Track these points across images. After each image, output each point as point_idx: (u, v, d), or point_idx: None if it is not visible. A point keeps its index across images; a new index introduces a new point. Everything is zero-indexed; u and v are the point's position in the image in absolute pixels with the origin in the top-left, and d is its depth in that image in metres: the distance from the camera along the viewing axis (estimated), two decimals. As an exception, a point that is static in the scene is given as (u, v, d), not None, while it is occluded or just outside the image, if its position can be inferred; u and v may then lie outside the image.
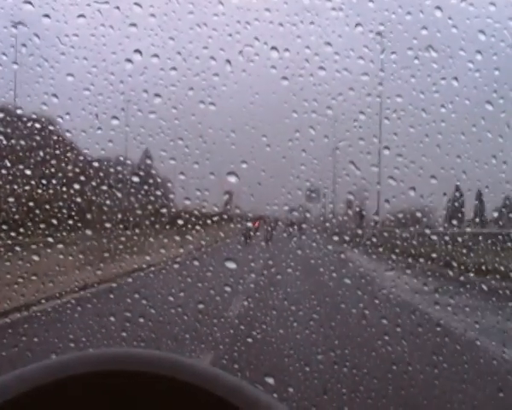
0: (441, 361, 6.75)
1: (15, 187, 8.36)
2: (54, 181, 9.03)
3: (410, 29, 7.59)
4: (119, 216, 10.07)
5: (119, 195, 11.80)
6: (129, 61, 7.21)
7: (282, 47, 7.29)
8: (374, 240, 12.85)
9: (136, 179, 11.14)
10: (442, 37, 7.31)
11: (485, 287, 8.93)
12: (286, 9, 8.44)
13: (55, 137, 9.86)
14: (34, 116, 8.52)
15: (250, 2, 8.08)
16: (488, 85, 7.36)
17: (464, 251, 10.72)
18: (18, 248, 7.91)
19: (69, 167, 10.03)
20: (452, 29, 7.06)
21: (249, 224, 16.04)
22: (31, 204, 8.27)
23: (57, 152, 10.17)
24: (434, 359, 6.85)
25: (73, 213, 9.09)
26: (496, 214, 11.82)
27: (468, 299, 9.03)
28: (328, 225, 16.34)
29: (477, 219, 14.09)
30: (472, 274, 9.65)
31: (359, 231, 13.79)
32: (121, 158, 10.83)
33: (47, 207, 8.58)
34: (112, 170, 11.09)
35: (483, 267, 9.93)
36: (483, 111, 7.20)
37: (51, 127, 9.55)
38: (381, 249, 10.99)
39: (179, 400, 1.04)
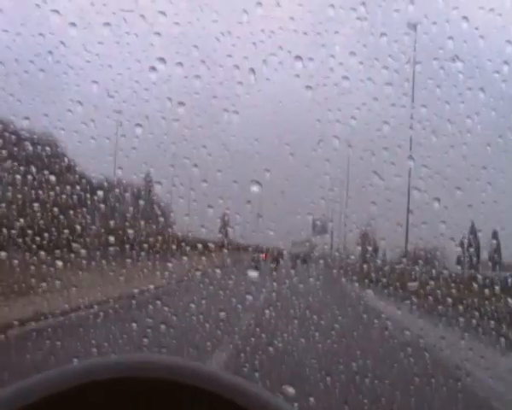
0: (464, 375, 6.66)
1: (40, 192, 8.45)
2: (78, 187, 9.11)
3: (435, 39, 7.55)
4: (142, 223, 10.11)
5: (142, 202, 11.87)
6: (153, 69, 7.26)
7: (306, 56, 7.30)
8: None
9: (159, 187, 11.20)
10: (468, 47, 7.26)
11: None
12: (310, 19, 8.47)
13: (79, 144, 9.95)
14: (59, 123, 8.62)
15: (274, 11, 8.10)
16: (515, 96, 7.30)
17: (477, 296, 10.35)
18: (42, 253, 7.99)
19: (93, 174, 10.12)
20: (479, 39, 7.01)
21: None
22: (55, 209, 8.34)
23: (81, 159, 10.27)
24: (458, 372, 6.75)
25: (96, 220, 9.16)
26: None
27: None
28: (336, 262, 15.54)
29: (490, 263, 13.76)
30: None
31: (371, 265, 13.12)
32: (143, 165, 10.87)
33: (71, 212, 8.65)
34: (135, 177, 11.15)
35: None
36: (509, 122, 7.14)
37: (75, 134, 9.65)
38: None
39: (200, 408, 1.04)
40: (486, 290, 9.02)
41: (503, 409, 6.14)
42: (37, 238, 8.18)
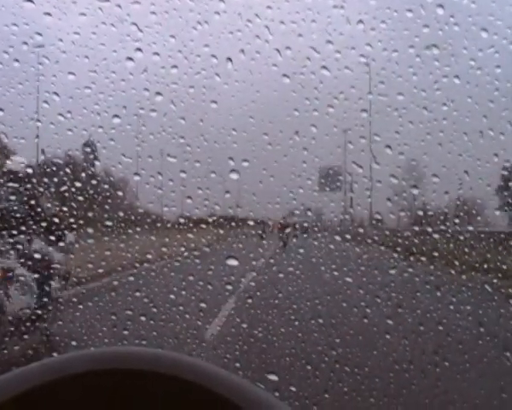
0: (443, 360, 6.73)
1: (16, 185, 8.35)
2: (55, 179, 9.02)
3: (411, 27, 7.57)
4: (121, 214, 10.05)
5: (120, 193, 11.79)
6: (130, 59, 7.19)
7: (283, 45, 7.29)
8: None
9: (137, 178, 11.11)
10: (444, 34, 7.30)
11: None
12: (287, 7, 8.44)
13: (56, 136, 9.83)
14: (36, 115, 8.52)
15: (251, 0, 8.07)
16: (490, 83, 7.35)
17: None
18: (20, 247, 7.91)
19: (70, 166, 10.02)
20: (454, 27, 7.05)
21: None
22: (32, 202, 8.25)
23: (59, 151, 10.16)
24: (436, 358, 6.83)
25: (74, 212, 9.08)
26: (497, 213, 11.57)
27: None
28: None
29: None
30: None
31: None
32: (122, 156, 10.80)
33: (49, 205, 8.56)
34: (113, 168, 11.07)
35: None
36: (485, 109, 7.19)
37: (52, 126, 9.53)
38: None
39: (180, 398, 1.03)
40: None
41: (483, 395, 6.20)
42: (14, 232, 8.09)
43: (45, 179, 8.38)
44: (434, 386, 6.16)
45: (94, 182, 9.88)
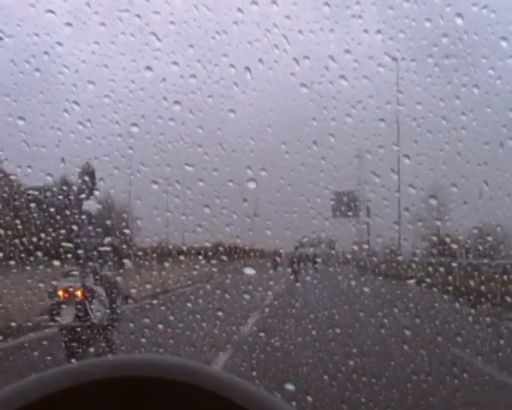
0: (461, 372, 6.65)
1: (36, 193, 8.44)
2: (75, 188, 9.10)
3: (430, 36, 7.56)
4: (139, 223, 10.10)
5: (139, 203, 11.85)
6: (149, 68, 7.26)
7: (301, 55, 7.30)
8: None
9: (155, 187, 11.17)
10: (463, 44, 7.26)
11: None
12: (305, 17, 8.48)
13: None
14: (56, 123, 8.60)
15: (270, 9, 8.09)
16: (510, 93, 7.30)
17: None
18: (39, 253, 8.00)
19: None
20: (473, 36, 7.01)
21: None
22: (52, 210, 8.34)
23: (78, 160, 10.24)
24: (454, 370, 6.75)
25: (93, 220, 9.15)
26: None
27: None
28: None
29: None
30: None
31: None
32: (140, 165, 10.87)
33: (67, 213, 8.65)
34: (132, 177, 11.13)
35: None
36: (504, 118, 7.13)
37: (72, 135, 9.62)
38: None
39: (197, 407, 1.04)
40: None
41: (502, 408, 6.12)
42: (35, 239, 8.20)
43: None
44: (453, 398, 6.08)
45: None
